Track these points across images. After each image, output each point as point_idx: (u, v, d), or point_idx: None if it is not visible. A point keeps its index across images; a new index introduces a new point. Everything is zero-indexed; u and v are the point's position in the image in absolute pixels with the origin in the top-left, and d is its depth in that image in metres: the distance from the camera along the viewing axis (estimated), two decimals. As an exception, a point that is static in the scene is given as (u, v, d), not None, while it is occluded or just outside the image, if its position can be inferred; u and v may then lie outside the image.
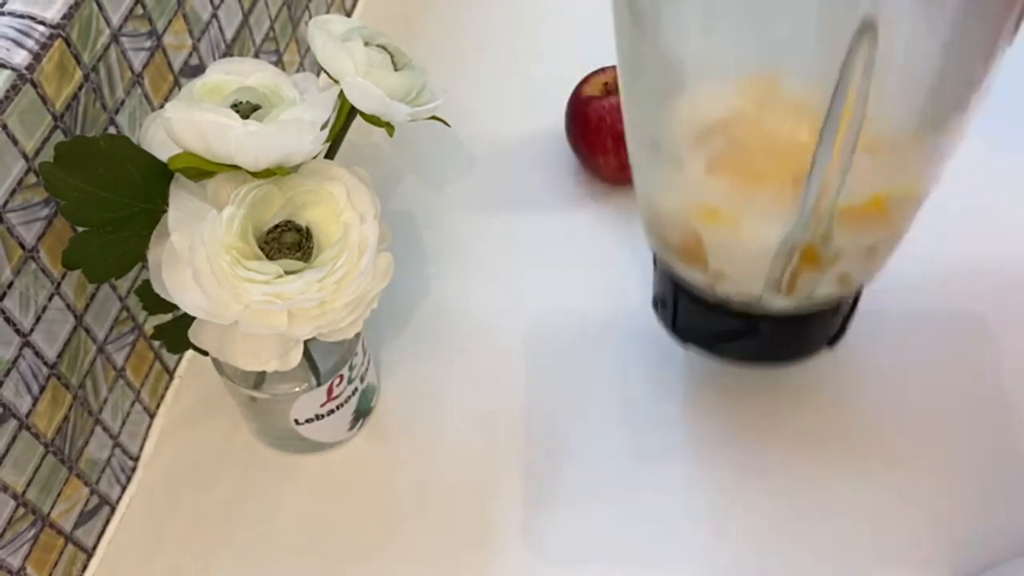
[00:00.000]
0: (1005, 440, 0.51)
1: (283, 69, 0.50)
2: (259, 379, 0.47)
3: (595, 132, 0.58)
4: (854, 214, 0.38)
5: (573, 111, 0.61)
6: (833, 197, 0.36)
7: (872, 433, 0.52)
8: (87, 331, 0.45)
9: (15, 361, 0.40)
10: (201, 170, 0.37)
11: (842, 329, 0.47)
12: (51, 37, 0.38)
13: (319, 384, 0.47)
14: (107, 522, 0.50)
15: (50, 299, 0.42)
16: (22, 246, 0.39)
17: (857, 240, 0.40)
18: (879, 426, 0.52)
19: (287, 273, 0.37)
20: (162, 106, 0.48)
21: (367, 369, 0.50)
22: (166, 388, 0.54)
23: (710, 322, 0.46)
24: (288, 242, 0.38)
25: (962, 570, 0.47)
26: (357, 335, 0.48)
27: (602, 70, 0.61)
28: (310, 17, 0.65)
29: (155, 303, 0.40)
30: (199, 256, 0.36)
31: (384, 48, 0.42)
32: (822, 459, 0.51)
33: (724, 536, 0.48)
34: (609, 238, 0.61)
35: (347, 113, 0.41)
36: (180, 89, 0.48)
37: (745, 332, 0.46)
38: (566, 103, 0.62)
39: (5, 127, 0.36)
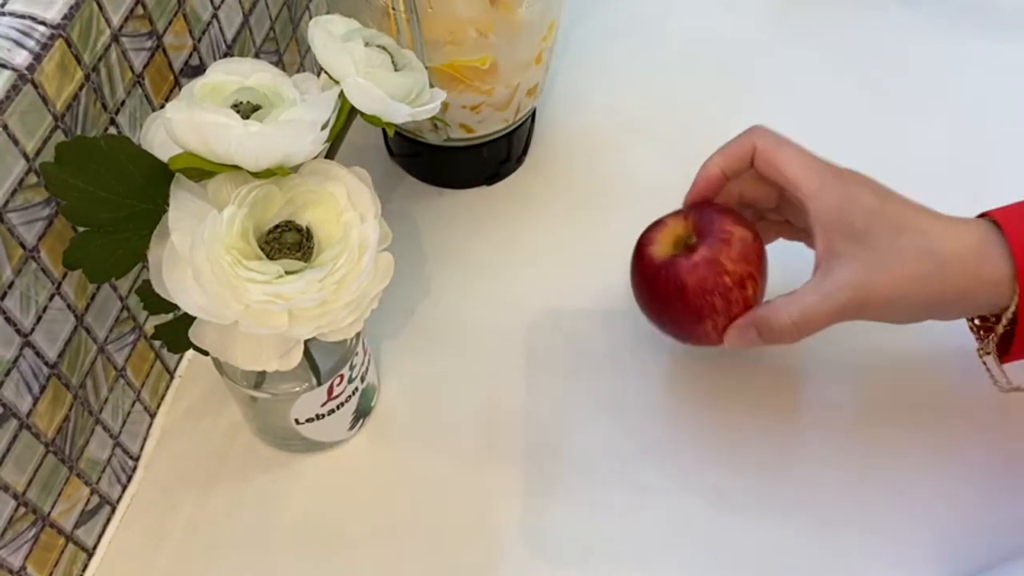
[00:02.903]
0: (1004, 440, 0.51)
1: (283, 69, 0.50)
2: (259, 379, 0.47)
3: (696, 295, 0.47)
4: (440, 75, 0.54)
5: (658, 279, 0.48)
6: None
7: (870, 433, 0.52)
8: (88, 331, 0.45)
9: (16, 361, 0.40)
10: (202, 170, 0.37)
11: (496, 173, 0.64)
12: (52, 37, 0.38)
13: (319, 384, 0.47)
14: (107, 522, 0.50)
15: (51, 299, 0.42)
16: (23, 246, 0.39)
17: (456, 99, 0.56)
18: (877, 426, 0.52)
19: (287, 273, 0.37)
20: (162, 106, 0.48)
21: (367, 369, 0.50)
22: (167, 388, 0.54)
23: (391, 143, 0.65)
24: (289, 242, 0.38)
25: (962, 570, 0.47)
26: (357, 335, 0.48)
27: (661, 222, 0.51)
28: (310, 17, 0.65)
29: (156, 303, 0.40)
30: (199, 256, 0.36)
31: (384, 48, 0.42)
32: (821, 459, 0.51)
33: (722, 535, 0.48)
34: (608, 238, 0.61)
35: (347, 113, 0.41)
36: (180, 89, 0.48)
37: (415, 153, 0.63)
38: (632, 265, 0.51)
39: (6, 127, 0.36)
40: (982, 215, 0.46)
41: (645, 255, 0.50)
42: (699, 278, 0.47)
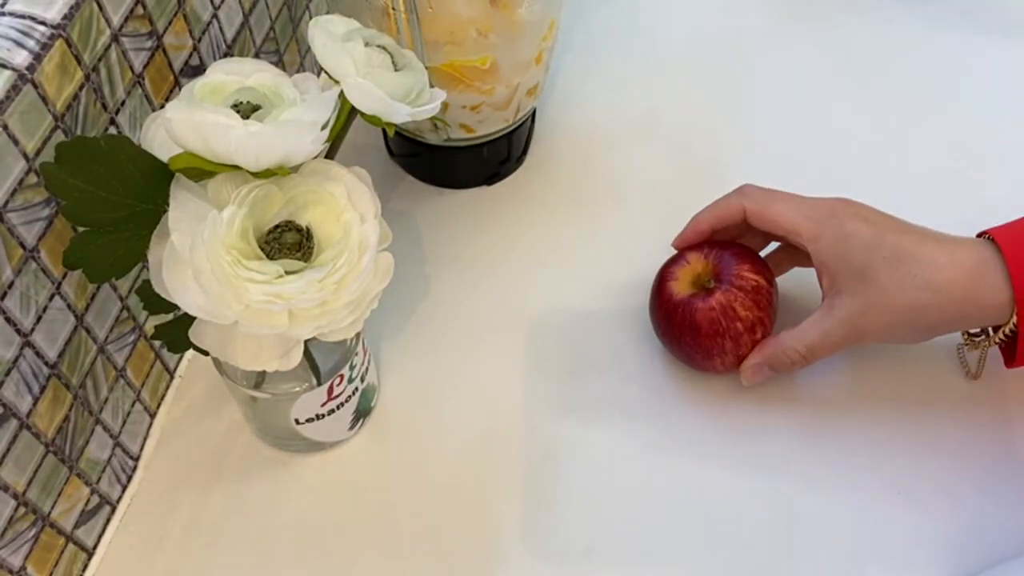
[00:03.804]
0: (1004, 440, 0.51)
1: (283, 69, 0.50)
2: (259, 379, 0.47)
3: (708, 337, 0.50)
4: (440, 75, 0.54)
5: (675, 315, 0.51)
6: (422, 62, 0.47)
7: (871, 433, 0.52)
8: (88, 331, 0.45)
9: (16, 361, 0.40)
10: (202, 170, 0.37)
11: (496, 173, 0.64)
12: (52, 37, 0.38)
13: (319, 384, 0.47)
14: (107, 522, 0.50)
15: (51, 299, 0.42)
16: (23, 246, 0.39)
17: (456, 99, 0.56)
18: (877, 427, 0.52)
19: (287, 273, 0.37)
20: (162, 106, 0.48)
21: (367, 369, 0.50)
22: (166, 388, 0.54)
23: (391, 143, 0.65)
24: (288, 242, 0.38)
25: (961, 570, 0.47)
26: (357, 335, 0.48)
27: (684, 258, 0.53)
28: (310, 17, 0.65)
29: (156, 303, 0.40)
30: (199, 256, 0.36)
31: (384, 48, 0.42)
32: (821, 459, 0.51)
33: (723, 535, 0.49)
34: (608, 238, 0.61)
35: (347, 113, 0.41)
36: (180, 89, 0.48)
37: (415, 153, 0.63)
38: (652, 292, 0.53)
39: (6, 127, 0.36)
40: (981, 234, 0.46)
41: (665, 289, 0.52)
42: (712, 321, 0.50)
